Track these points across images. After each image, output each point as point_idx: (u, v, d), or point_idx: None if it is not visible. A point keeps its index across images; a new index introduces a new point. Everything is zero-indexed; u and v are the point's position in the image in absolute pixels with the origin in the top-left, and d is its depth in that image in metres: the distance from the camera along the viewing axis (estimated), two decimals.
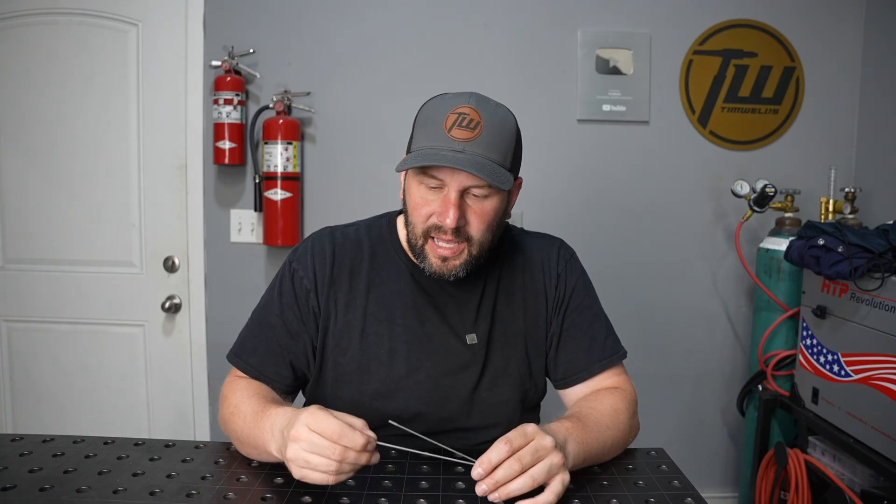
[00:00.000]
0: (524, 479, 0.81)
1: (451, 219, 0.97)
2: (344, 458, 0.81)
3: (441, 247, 1.01)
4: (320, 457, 0.81)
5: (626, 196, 2.27)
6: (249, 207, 2.20)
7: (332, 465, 0.81)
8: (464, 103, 0.98)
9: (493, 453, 0.81)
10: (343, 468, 0.82)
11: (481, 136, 0.96)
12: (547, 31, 2.21)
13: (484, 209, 1.00)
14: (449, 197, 0.97)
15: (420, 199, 1.01)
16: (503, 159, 0.99)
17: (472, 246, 1.02)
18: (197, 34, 2.16)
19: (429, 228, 1.01)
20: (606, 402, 1.06)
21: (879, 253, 1.57)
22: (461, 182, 0.97)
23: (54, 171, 2.20)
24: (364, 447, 0.82)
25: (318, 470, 0.81)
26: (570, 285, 1.15)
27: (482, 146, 0.96)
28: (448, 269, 1.03)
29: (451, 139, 0.95)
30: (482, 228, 1.01)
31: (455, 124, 0.96)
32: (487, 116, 0.97)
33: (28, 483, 0.88)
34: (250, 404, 0.99)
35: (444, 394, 1.09)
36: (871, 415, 1.58)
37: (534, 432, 0.84)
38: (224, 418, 1.04)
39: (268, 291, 1.14)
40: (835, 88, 2.26)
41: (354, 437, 0.81)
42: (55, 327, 2.24)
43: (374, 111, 2.20)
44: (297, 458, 0.82)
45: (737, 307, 2.32)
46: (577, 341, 1.13)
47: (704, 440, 2.36)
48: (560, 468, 0.84)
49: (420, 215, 1.01)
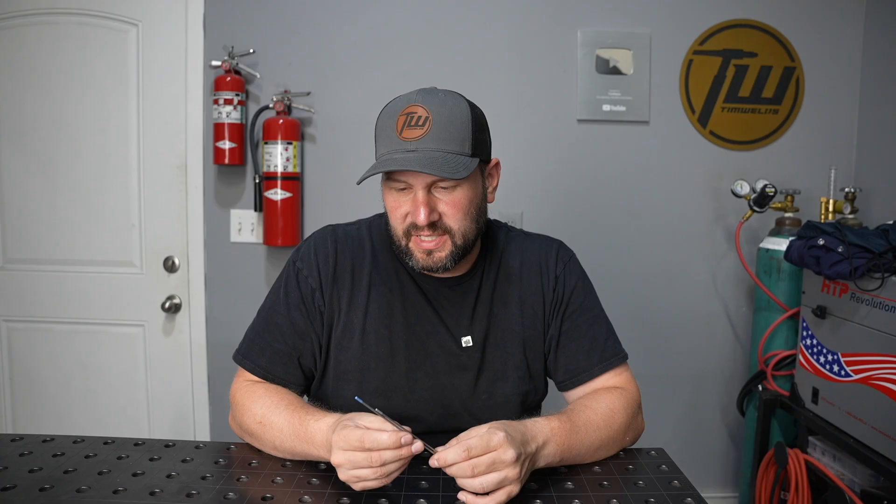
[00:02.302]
0: (472, 483, 0.84)
1: (422, 216, 0.99)
2: (383, 461, 0.84)
3: (424, 241, 1.02)
4: (363, 469, 0.85)
5: (626, 196, 2.27)
6: (249, 207, 2.20)
7: (375, 471, 0.85)
8: (411, 102, 0.99)
9: (451, 454, 0.84)
10: (388, 468, 0.85)
11: (431, 130, 0.97)
12: (547, 30, 2.21)
13: (455, 199, 1.01)
14: (417, 196, 1.00)
15: (393, 203, 1.03)
16: (460, 147, 0.99)
17: (454, 237, 1.03)
18: (197, 34, 2.16)
19: (408, 228, 1.03)
20: (602, 402, 1.06)
21: (879, 253, 1.57)
22: (423, 180, 0.99)
23: (54, 171, 2.20)
24: (396, 443, 0.84)
25: (369, 479, 0.86)
26: (568, 287, 1.15)
27: (433, 141, 0.97)
28: (434, 262, 1.03)
29: (403, 141, 0.98)
30: (458, 217, 1.02)
31: (405, 125, 0.98)
32: (435, 110, 0.98)
33: (28, 483, 0.88)
34: (282, 416, 1.00)
35: (443, 394, 1.09)
36: (871, 415, 1.58)
37: (498, 443, 0.84)
38: (248, 429, 1.04)
39: (273, 292, 1.14)
40: (835, 88, 2.26)
41: (379, 437, 0.84)
42: (55, 327, 2.24)
43: (374, 111, 2.14)
44: (349, 478, 0.87)
45: (737, 307, 2.32)
46: (577, 343, 1.13)
47: (704, 440, 2.36)
48: (513, 481, 0.85)
49: (397, 217, 1.03)
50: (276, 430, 0.99)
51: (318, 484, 0.90)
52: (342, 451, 0.86)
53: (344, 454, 0.85)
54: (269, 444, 1.01)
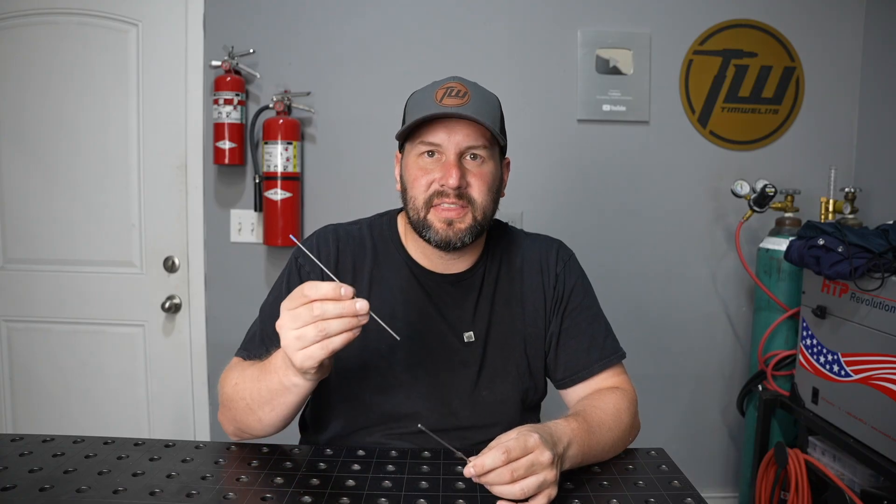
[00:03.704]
0: (512, 489, 0.81)
1: (454, 178, 1.00)
2: (324, 314, 0.80)
3: (446, 208, 1.03)
4: (304, 327, 0.81)
5: (627, 196, 2.27)
6: (249, 207, 2.20)
7: (317, 326, 0.80)
8: (449, 80, 1.05)
9: (489, 458, 0.80)
10: (331, 325, 0.80)
11: (471, 102, 1.01)
12: (547, 30, 2.21)
13: (482, 171, 1.05)
14: (449, 159, 1.02)
15: (419, 171, 1.04)
16: (493, 123, 1.03)
17: (475, 209, 1.04)
18: (197, 34, 2.16)
19: (431, 196, 1.04)
20: (609, 402, 1.06)
21: (879, 253, 1.57)
22: (458, 143, 1.02)
23: (54, 171, 2.20)
24: (337, 293, 0.80)
25: (310, 342, 0.81)
26: (568, 285, 1.16)
27: (473, 110, 1.00)
28: (454, 234, 1.04)
29: (443, 106, 1.00)
30: (483, 190, 1.04)
31: (445, 95, 1.01)
32: (473, 88, 1.04)
33: (28, 483, 0.87)
34: (251, 369, 0.99)
35: (443, 391, 1.09)
36: (871, 415, 1.58)
37: (534, 444, 0.83)
38: (228, 397, 1.02)
39: (275, 288, 1.14)
40: (835, 88, 2.26)
41: (318, 287, 0.81)
42: (55, 327, 2.24)
43: (374, 111, 2.20)
44: (289, 344, 0.82)
45: (737, 307, 2.32)
46: (577, 341, 1.14)
47: (704, 440, 2.36)
48: (551, 484, 0.84)
49: (421, 185, 1.04)
50: (248, 380, 0.98)
51: (318, 484, 0.90)
52: (286, 311, 0.83)
53: (287, 313, 0.82)
54: (242, 404, 0.99)
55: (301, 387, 0.91)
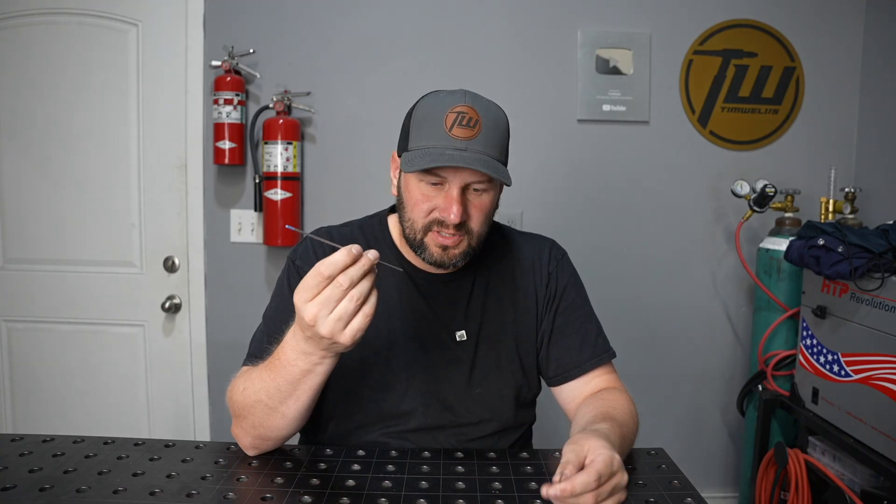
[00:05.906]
0: None
1: (454, 214, 0.99)
2: (352, 280, 0.80)
3: (443, 237, 1.03)
4: (338, 305, 0.80)
5: (626, 196, 2.27)
6: (249, 207, 2.20)
7: (352, 298, 0.80)
8: (460, 102, 1.00)
9: (579, 483, 0.76)
10: (361, 289, 0.81)
11: (481, 133, 0.99)
12: (547, 30, 2.21)
13: (483, 203, 1.04)
14: (451, 194, 1.00)
15: (420, 196, 1.03)
16: (500, 154, 1.02)
17: (471, 238, 1.05)
18: (197, 34, 2.16)
19: (430, 223, 1.03)
20: (620, 402, 1.07)
21: (879, 253, 1.57)
22: (463, 179, 1.00)
23: (54, 170, 2.20)
24: (352, 256, 0.80)
25: (351, 314, 0.81)
26: (561, 284, 1.17)
27: (482, 143, 0.99)
28: (448, 258, 1.05)
29: (453, 138, 0.98)
30: (481, 220, 1.05)
31: (456, 123, 0.98)
32: (484, 114, 1.00)
33: (28, 483, 0.88)
34: (256, 372, 0.98)
35: (439, 388, 1.10)
36: (871, 415, 1.58)
37: (618, 466, 0.82)
38: (240, 405, 0.99)
39: (276, 294, 1.14)
40: (835, 88, 2.26)
41: (333, 259, 0.80)
42: (55, 327, 2.24)
43: (374, 111, 2.20)
44: (332, 328, 0.81)
45: (737, 307, 2.32)
46: (569, 339, 1.15)
47: (704, 440, 2.36)
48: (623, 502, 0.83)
49: (420, 211, 1.03)
50: (258, 382, 0.96)
51: (318, 484, 0.90)
52: (308, 302, 0.81)
53: (314, 304, 0.81)
54: (261, 407, 0.96)
55: (327, 363, 0.90)
